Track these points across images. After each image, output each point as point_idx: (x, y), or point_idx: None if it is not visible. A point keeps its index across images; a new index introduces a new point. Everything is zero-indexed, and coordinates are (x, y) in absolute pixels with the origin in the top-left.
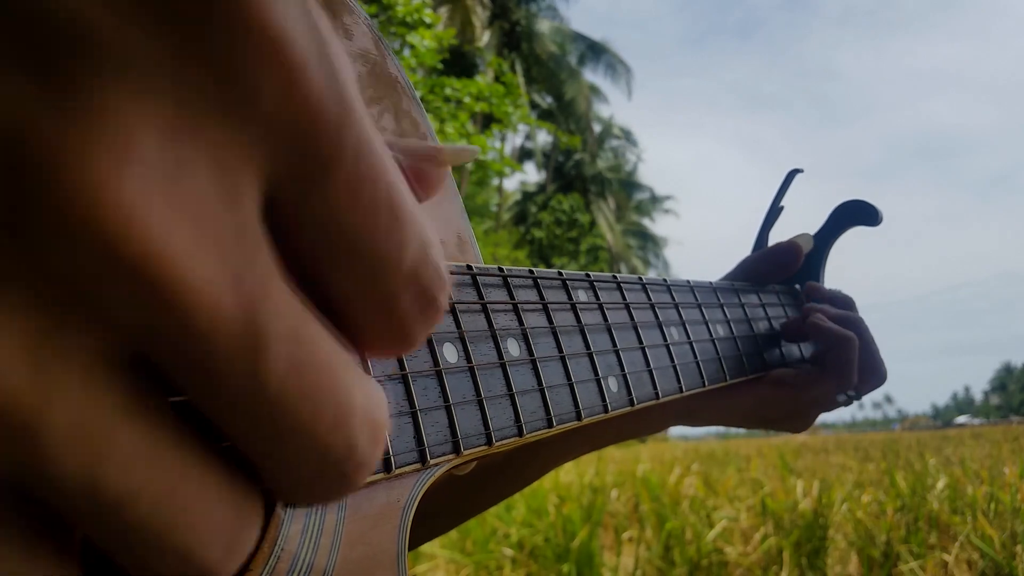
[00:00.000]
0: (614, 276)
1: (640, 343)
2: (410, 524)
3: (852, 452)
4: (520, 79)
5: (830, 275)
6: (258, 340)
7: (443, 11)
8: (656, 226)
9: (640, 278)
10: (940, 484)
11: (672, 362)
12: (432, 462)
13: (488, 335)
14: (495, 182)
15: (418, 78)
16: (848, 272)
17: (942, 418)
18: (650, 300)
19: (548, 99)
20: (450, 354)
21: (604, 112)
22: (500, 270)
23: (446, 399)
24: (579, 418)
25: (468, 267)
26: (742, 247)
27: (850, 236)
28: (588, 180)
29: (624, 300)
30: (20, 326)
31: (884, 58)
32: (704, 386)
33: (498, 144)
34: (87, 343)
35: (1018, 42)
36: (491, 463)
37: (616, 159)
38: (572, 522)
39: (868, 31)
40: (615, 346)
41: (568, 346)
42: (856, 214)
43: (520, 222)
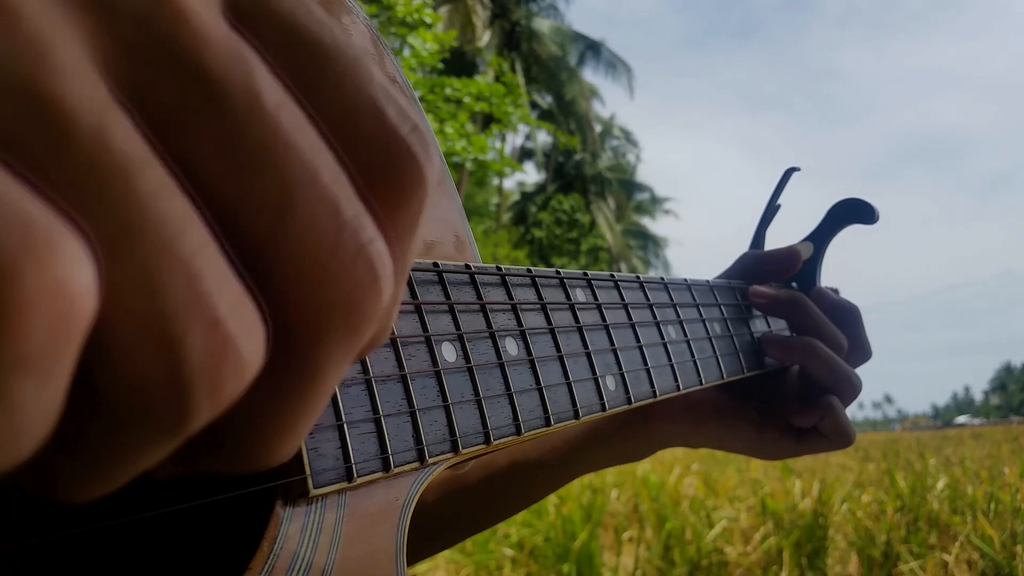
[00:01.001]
0: (611, 275)
1: (637, 342)
2: (408, 523)
3: (852, 452)
4: (520, 79)
5: (829, 275)
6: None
7: (443, 11)
8: (656, 226)
9: (638, 276)
10: (940, 484)
11: (669, 361)
12: (431, 461)
13: (487, 335)
14: (495, 182)
15: (418, 77)
16: (848, 272)
17: (942, 418)
18: (647, 299)
19: (548, 99)
20: (449, 354)
21: (604, 112)
22: (498, 269)
23: (444, 399)
24: (576, 416)
25: (466, 266)
26: (742, 247)
27: (850, 236)
28: (588, 180)
29: (622, 299)
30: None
31: (884, 58)
32: (701, 384)
33: (498, 144)
34: (84, 39)
35: (1018, 42)
36: (496, 479)
37: (616, 159)
38: (572, 522)
39: (868, 31)
40: (613, 345)
41: (566, 345)
42: (852, 212)
43: (520, 222)
